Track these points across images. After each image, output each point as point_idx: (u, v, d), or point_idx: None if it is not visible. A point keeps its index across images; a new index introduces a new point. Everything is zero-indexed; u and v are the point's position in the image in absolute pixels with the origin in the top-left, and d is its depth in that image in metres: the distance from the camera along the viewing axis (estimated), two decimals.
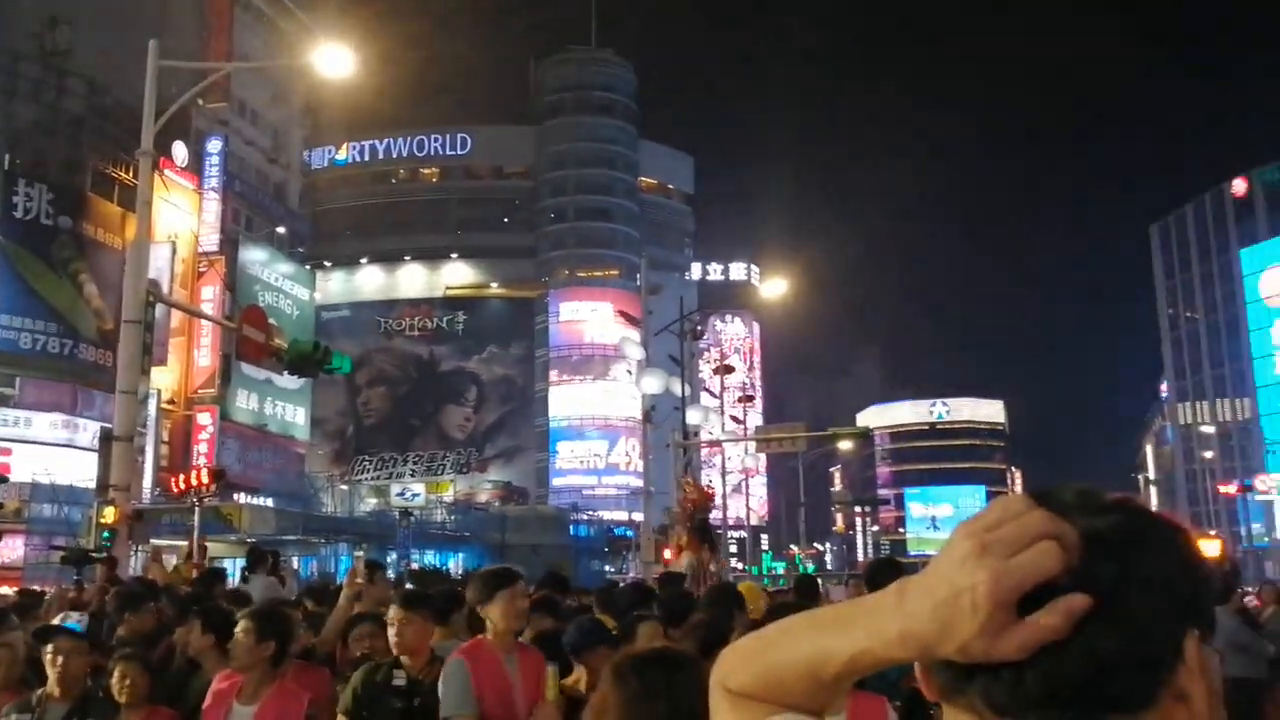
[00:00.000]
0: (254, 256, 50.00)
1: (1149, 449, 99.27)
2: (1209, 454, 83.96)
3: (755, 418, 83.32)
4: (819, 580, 11.29)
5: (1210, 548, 19.05)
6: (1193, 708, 0.77)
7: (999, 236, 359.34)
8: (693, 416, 31.75)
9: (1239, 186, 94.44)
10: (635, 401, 53.84)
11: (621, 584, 15.73)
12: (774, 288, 36.23)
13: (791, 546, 79.92)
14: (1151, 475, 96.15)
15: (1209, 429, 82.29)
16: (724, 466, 51.93)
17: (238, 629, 4.50)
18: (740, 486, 60.77)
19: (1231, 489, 65.49)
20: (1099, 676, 0.75)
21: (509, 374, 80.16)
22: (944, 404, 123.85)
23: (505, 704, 4.22)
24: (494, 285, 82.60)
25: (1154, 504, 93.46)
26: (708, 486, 17.19)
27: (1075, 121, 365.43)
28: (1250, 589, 19.66)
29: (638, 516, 45.68)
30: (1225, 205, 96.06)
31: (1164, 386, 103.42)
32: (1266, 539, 71.57)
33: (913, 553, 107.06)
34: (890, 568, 6.65)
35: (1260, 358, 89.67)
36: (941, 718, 0.83)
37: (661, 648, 2.98)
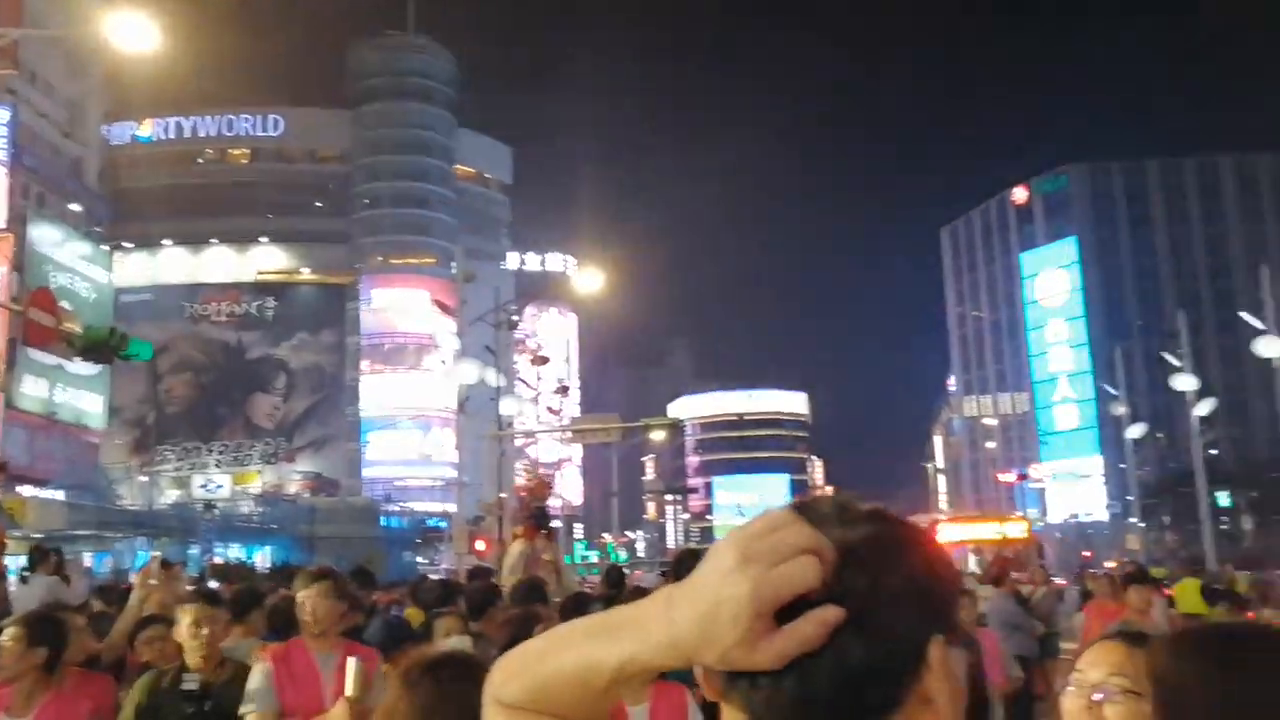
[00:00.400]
0: (46, 235, 47.41)
1: (938, 439, 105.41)
2: (991, 444, 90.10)
3: (572, 408, 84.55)
4: (624, 570, 11.99)
5: (1017, 529, 20.78)
6: (937, 710, 0.81)
7: (804, 234, 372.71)
8: (507, 407, 32.29)
9: (1020, 195, 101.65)
10: (449, 392, 53.95)
11: (432, 577, 16.07)
12: (590, 279, 37.04)
13: (604, 535, 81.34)
14: (940, 464, 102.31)
15: (991, 421, 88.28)
16: (538, 457, 52.64)
17: (4, 636, 4.19)
18: (553, 477, 61.66)
19: (1010, 477, 70.61)
20: (850, 684, 0.78)
21: (320, 362, 78.45)
22: (750, 395, 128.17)
23: (312, 703, 4.07)
24: (305, 271, 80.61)
25: (943, 491, 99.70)
26: (546, 475, 17.26)
27: (877, 123, 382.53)
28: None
29: (451, 508, 45.91)
30: (1008, 212, 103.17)
31: (952, 380, 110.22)
32: (1040, 524, 77.68)
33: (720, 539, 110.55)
34: (692, 558, 7.40)
35: (1036, 355, 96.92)
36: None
37: (451, 651, 2.95)
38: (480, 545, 26.23)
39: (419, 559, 50.53)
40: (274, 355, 77.77)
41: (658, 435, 51.17)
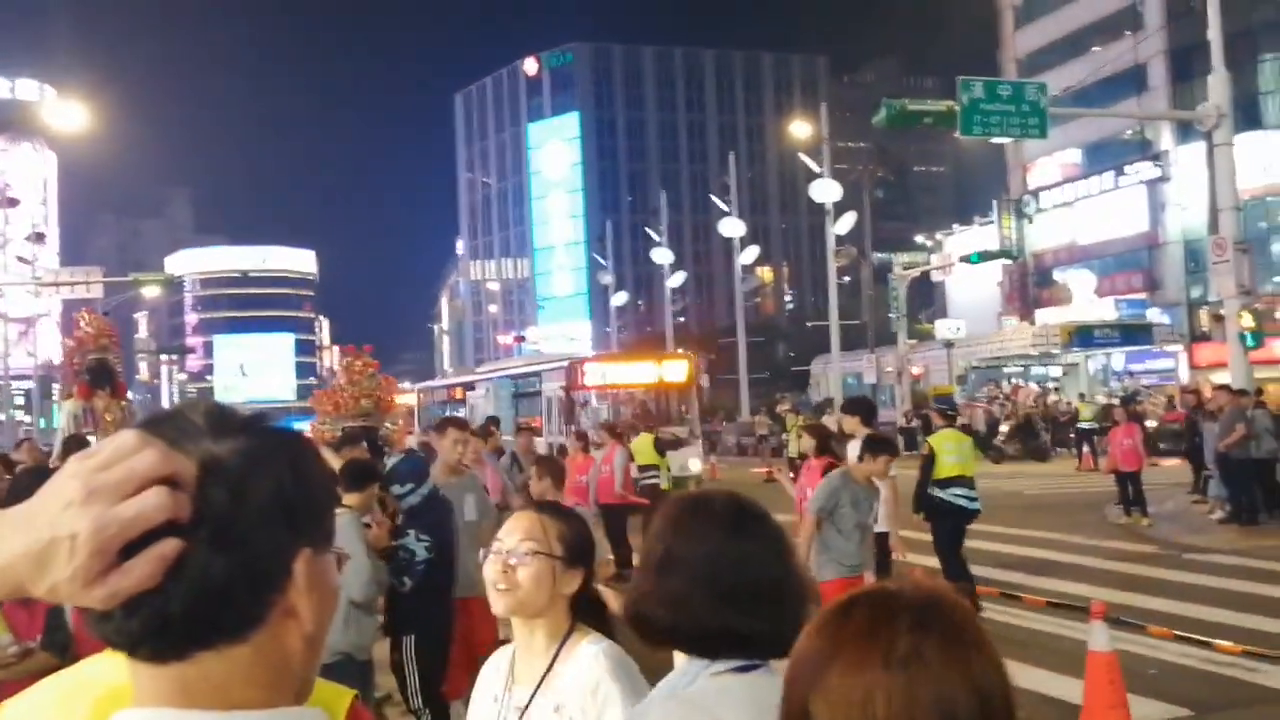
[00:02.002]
0: None
1: (444, 302, 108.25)
2: (494, 308, 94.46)
3: (50, 258, 76.12)
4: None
5: (677, 370, 23.08)
6: (301, 622, 0.81)
7: (319, 89, 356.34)
8: None
9: (531, 66, 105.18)
10: None
11: None
12: (72, 113, 33.94)
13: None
14: (445, 326, 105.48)
15: (495, 285, 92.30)
16: (6, 311, 47.57)
17: None
18: (27, 333, 56.06)
19: (509, 339, 74.83)
20: (206, 603, 0.77)
21: None
22: (257, 251, 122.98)
23: None
24: None
25: (446, 352, 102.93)
26: (105, 317, 14.36)
27: None
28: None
29: None
30: (519, 82, 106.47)
31: (460, 244, 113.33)
32: None
33: (220, 399, 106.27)
34: (76, 445, 7.96)
35: (539, 224, 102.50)
36: None
37: None
38: None
39: None
40: None
41: (151, 291, 48.17)
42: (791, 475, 15.91)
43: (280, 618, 0.80)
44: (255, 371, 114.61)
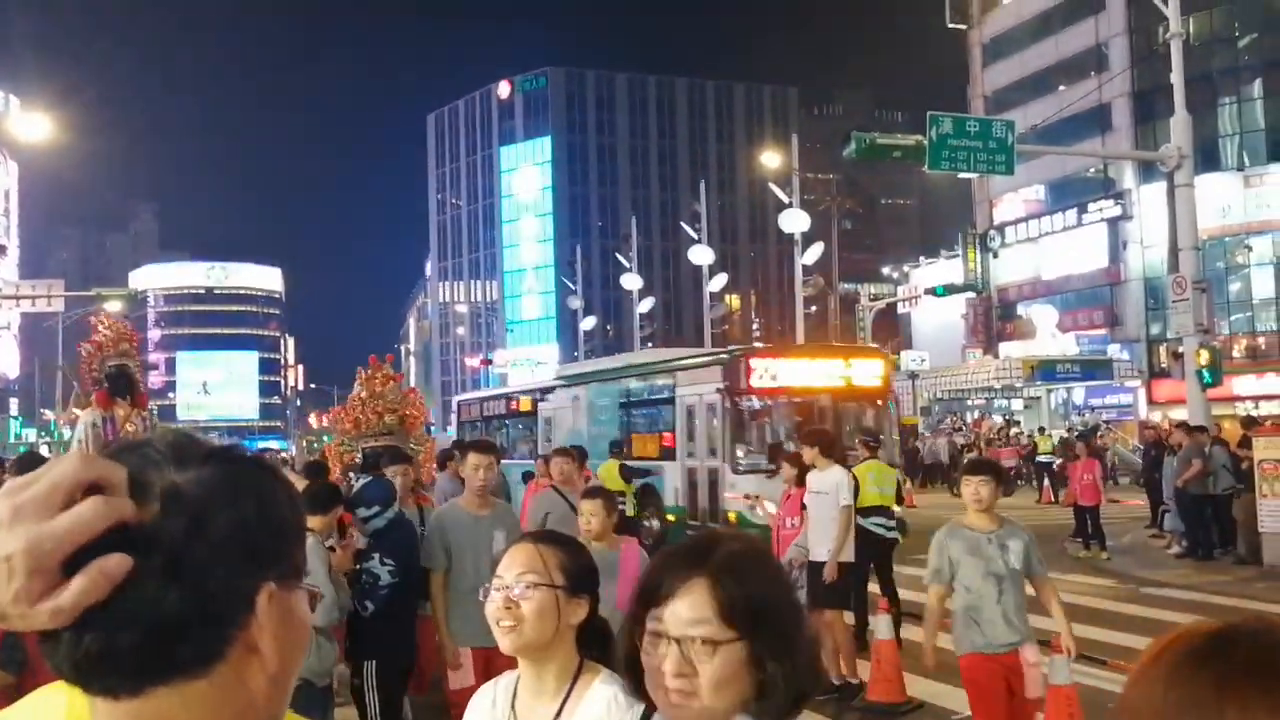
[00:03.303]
0: None
1: (412, 323, 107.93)
2: (461, 330, 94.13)
3: (10, 269, 75.30)
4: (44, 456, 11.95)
5: (873, 368, 18.92)
6: (265, 660, 0.78)
7: (290, 106, 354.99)
8: None
9: (504, 90, 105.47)
10: None
11: None
12: (36, 124, 33.69)
13: (46, 411, 74.14)
14: (412, 347, 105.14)
15: (463, 308, 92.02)
16: None
17: None
18: None
19: (475, 362, 74.57)
20: (161, 636, 0.74)
21: None
22: (222, 268, 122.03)
23: None
24: None
25: (413, 374, 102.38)
26: (128, 323, 12.91)
27: (378, 6, 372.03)
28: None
29: None
30: (492, 105, 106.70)
31: (429, 266, 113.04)
32: None
33: (182, 417, 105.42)
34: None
35: (508, 247, 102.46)
36: None
37: None
38: None
39: None
40: None
41: (114, 306, 47.61)
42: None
43: (243, 654, 0.77)
44: (218, 390, 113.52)
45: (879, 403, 16.20)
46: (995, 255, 48.76)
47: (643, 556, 4.61)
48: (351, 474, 9.16)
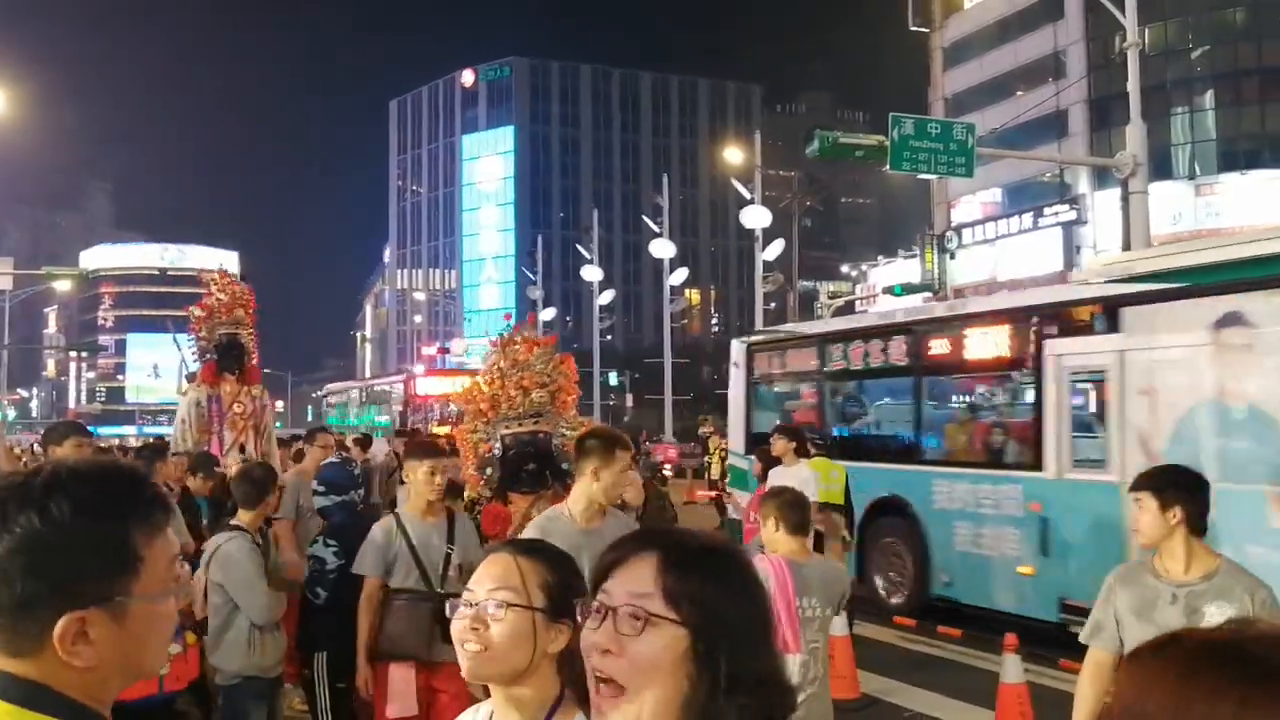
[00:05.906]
0: None
1: (369, 309, 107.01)
2: (419, 318, 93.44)
3: None
4: None
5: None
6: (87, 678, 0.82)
7: (250, 88, 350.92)
8: None
9: (468, 78, 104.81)
10: None
11: None
12: None
13: None
14: (369, 334, 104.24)
15: (421, 295, 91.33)
16: None
17: None
18: None
19: (432, 350, 74.14)
20: None
21: None
22: (178, 249, 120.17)
23: None
24: None
25: (368, 361, 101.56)
26: (240, 284, 10.88)
27: None
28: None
29: None
30: (455, 93, 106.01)
31: (388, 252, 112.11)
32: None
33: (131, 400, 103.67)
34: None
35: (468, 235, 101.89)
36: None
37: None
38: None
39: None
40: None
41: (63, 285, 46.82)
42: (714, 495, 15.78)
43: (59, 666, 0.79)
44: (170, 373, 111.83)
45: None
46: (952, 256, 49.16)
47: None
48: (487, 469, 7.02)
